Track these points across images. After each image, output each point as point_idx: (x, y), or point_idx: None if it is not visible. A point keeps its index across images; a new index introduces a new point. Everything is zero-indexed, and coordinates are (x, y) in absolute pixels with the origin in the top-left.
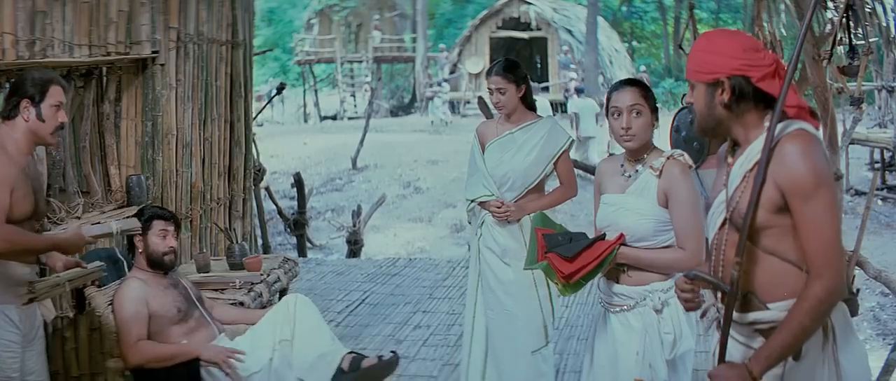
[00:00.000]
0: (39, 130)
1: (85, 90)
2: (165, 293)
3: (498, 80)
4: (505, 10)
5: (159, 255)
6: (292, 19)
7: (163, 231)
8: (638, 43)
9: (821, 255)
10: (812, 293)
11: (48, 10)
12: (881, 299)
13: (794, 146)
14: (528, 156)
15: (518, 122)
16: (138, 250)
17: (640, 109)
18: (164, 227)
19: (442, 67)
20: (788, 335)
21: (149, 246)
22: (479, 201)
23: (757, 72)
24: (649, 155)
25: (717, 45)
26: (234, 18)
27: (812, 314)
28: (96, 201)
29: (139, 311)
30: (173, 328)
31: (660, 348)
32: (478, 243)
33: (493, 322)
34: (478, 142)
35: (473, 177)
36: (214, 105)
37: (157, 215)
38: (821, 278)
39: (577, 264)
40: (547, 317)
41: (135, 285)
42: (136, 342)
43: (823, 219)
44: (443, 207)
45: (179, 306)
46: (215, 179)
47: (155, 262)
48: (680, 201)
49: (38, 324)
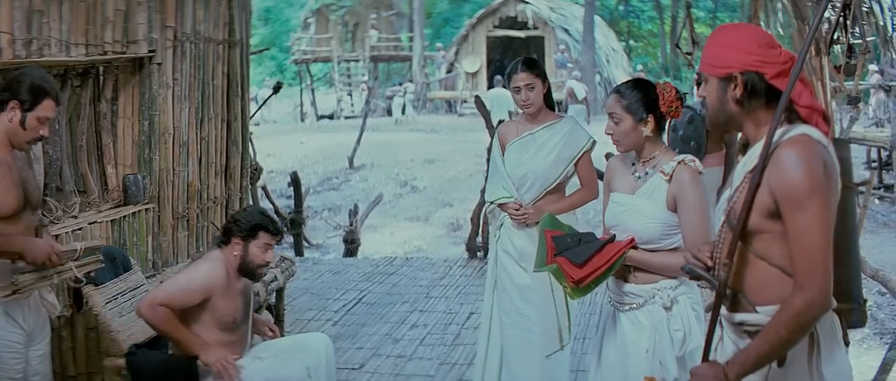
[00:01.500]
0: (17, 136)
1: (82, 89)
2: (234, 299)
3: (526, 76)
4: (502, 9)
5: (254, 266)
6: (289, 18)
7: (267, 245)
8: (635, 42)
9: (806, 266)
10: (792, 304)
11: (45, 9)
12: (878, 299)
13: (791, 152)
14: (548, 156)
15: (539, 121)
16: (234, 253)
17: (617, 117)
18: (269, 241)
19: (439, 66)
20: (765, 343)
21: (248, 255)
22: (498, 203)
23: (771, 69)
24: (660, 156)
25: (732, 39)
26: (231, 17)
27: (789, 326)
28: (93, 200)
29: (201, 292)
30: (217, 332)
31: (670, 345)
32: (496, 246)
33: (507, 326)
34: (498, 143)
35: (493, 178)
36: (211, 104)
37: (267, 227)
38: (803, 290)
39: (588, 270)
40: (562, 321)
41: (221, 274)
42: (167, 307)
43: (812, 230)
44: (440, 206)
45: (236, 318)
46: (212, 178)
47: (247, 271)
48: (689, 206)
49: (42, 322)
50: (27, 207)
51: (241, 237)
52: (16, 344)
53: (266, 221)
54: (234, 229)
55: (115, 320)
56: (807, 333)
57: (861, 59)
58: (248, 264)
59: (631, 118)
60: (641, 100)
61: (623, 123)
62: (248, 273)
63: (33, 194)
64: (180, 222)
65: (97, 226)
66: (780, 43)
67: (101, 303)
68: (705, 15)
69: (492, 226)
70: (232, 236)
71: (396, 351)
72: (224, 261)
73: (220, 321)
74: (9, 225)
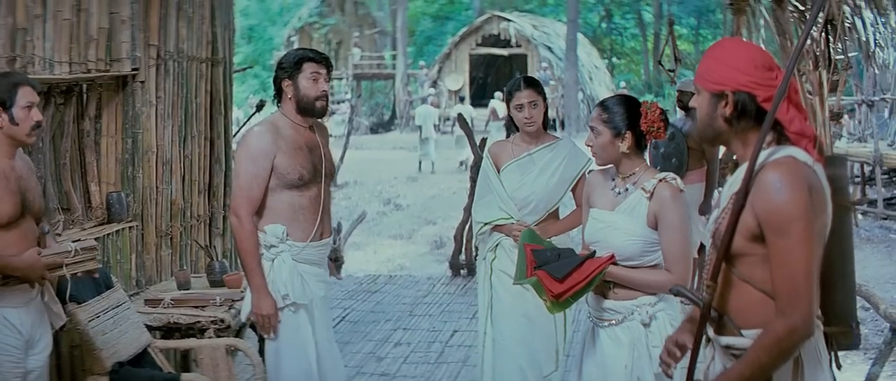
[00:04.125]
0: (15, 134)
1: (65, 107)
2: (295, 154)
3: (530, 93)
4: (485, 26)
5: (311, 100)
6: (272, 36)
7: (314, 74)
8: (618, 59)
9: (788, 292)
10: (773, 330)
11: (29, 27)
12: (862, 314)
13: (775, 175)
14: (551, 178)
15: (536, 142)
16: (287, 96)
17: (598, 131)
18: (316, 69)
19: (422, 83)
20: (746, 368)
21: (299, 91)
22: (496, 225)
23: (763, 91)
24: (640, 173)
25: (729, 56)
26: (214, 36)
27: (770, 352)
28: (76, 218)
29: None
30: (287, 194)
31: (648, 361)
32: (490, 267)
33: (503, 346)
34: (491, 163)
35: (486, 199)
36: (195, 122)
37: (307, 56)
38: (785, 316)
39: (567, 285)
40: (560, 341)
41: (267, 134)
42: (249, 207)
43: (795, 255)
44: (423, 223)
45: (303, 174)
46: (195, 196)
47: (307, 109)
48: (670, 224)
49: (43, 330)
50: (26, 214)
51: (288, 77)
52: (13, 349)
53: (307, 51)
54: (279, 73)
55: (99, 337)
56: (789, 359)
57: (843, 74)
58: (304, 100)
59: (609, 132)
60: (623, 115)
61: (601, 137)
62: (309, 110)
63: (35, 203)
64: (164, 239)
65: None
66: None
67: (85, 321)
68: (688, 32)
69: (482, 248)
70: (280, 83)
71: (380, 369)
72: (272, 121)
73: (285, 180)
74: (5, 233)
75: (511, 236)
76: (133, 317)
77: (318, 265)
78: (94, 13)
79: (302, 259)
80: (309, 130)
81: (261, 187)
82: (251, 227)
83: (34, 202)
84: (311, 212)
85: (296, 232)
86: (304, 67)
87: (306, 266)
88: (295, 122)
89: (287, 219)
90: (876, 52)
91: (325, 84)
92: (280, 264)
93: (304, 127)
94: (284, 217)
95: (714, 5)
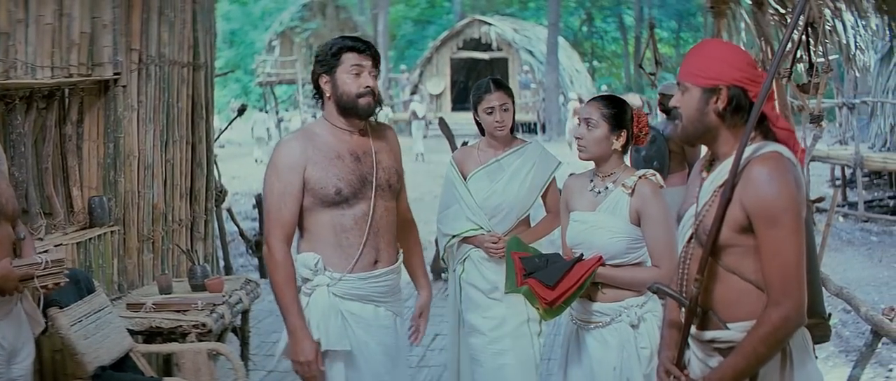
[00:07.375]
0: None
1: (47, 112)
2: (329, 165)
3: (501, 95)
4: (466, 30)
5: (353, 97)
6: (254, 41)
7: (356, 67)
8: (599, 62)
9: (780, 282)
10: (768, 320)
11: (11, 31)
12: (843, 316)
13: (764, 168)
14: (523, 184)
15: (504, 147)
16: (326, 95)
17: (593, 121)
18: (357, 61)
19: (403, 88)
20: (742, 360)
21: (338, 87)
22: (465, 237)
23: (755, 88)
24: (620, 173)
25: (723, 52)
26: (196, 40)
27: (767, 342)
28: (58, 223)
29: (291, 174)
30: (326, 212)
31: (637, 363)
32: (459, 282)
33: (480, 364)
34: (457, 171)
35: (452, 209)
36: (176, 126)
37: (347, 46)
38: (779, 305)
39: (560, 290)
40: (537, 353)
41: (295, 144)
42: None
43: (786, 246)
44: None
45: (339, 187)
46: (177, 200)
47: (348, 107)
48: (654, 219)
49: (25, 339)
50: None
51: (326, 72)
52: None
53: (347, 40)
54: (316, 68)
55: (81, 342)
56: (781, 348)
57: (823, 77)
58: (344, 98)
59: (607, 127)
60: (620, 114)
61: (598, 130)
62: (351, 110)
63: (7, 206)
64: (145, 244)
65: (63, 248)
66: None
67: (67, 325)
68: (669, 35)
69: (451, 261)
70: (318, 80)
71: None
72: (307, 128)
73: (320, 196)
74: None
75: (482, 247)
76: (115, 321)
77: (369, 302)
78: (76, 18)
79: (344, 294)
80: (358, 134)
81: (292, 207)
82: (283, 256)
83: (7, 205)
84: (356, 234)
85: (337, 260)
86: (344, 59)
87: (351, 303)
88: (336, 125)
89: (329, 244)
90: (856, 54)
91: (371, 78)
92: (315, 300)
93: (349, 131)
94: (325, 243)
95: (695, 8)
